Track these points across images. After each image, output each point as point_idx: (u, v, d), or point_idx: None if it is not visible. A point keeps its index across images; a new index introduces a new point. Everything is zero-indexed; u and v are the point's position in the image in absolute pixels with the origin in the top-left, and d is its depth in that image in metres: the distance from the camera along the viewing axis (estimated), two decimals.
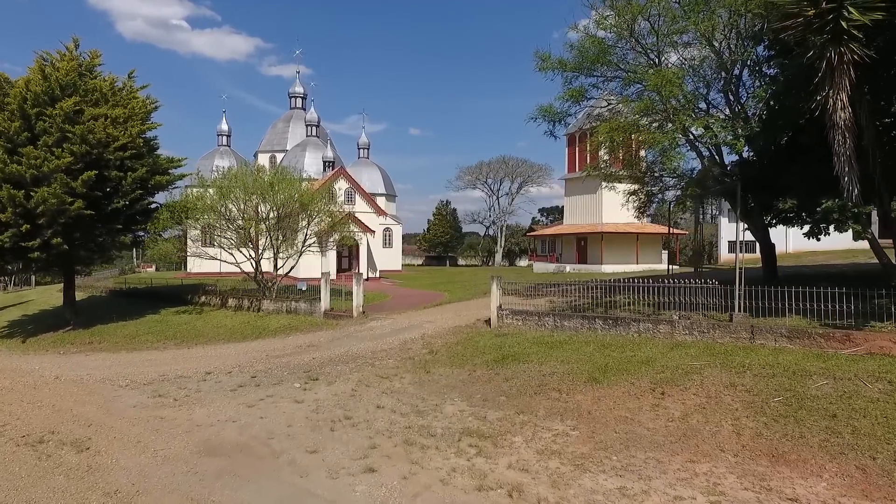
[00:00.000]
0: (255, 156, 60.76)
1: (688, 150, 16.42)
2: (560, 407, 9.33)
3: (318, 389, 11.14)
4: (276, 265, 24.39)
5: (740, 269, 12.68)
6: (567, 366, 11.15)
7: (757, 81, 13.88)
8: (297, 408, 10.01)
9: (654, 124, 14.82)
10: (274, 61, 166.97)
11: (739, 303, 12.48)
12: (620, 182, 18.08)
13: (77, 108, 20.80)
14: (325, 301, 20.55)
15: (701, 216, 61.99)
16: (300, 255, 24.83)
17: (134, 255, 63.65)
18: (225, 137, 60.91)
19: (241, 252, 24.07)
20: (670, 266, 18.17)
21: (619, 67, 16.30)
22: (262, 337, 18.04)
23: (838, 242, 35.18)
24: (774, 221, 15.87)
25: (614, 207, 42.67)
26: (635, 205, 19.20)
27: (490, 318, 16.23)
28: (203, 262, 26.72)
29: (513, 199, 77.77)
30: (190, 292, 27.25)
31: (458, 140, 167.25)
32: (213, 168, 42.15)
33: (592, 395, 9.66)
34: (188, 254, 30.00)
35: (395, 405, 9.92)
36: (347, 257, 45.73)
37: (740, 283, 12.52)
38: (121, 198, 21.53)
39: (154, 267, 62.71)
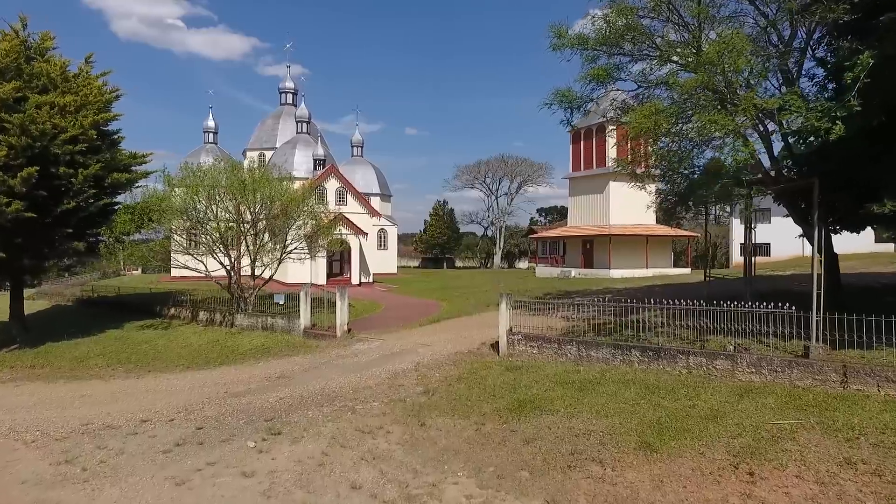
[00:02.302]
0: (244, 154, 58.06)
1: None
2: (608, 493, 6.65)
3: (278, 451, 8.44)
4: (253, 273, 21.67)
5: (818, 291, 10.03)
6: (606, 421, 8.47)
7: (829, 54, 11.25)
8: (242, 486, 7.31)
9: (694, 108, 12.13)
10: (270, 61, 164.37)
11: (818, 332, 9.84)
12: (654, 181, 15.39)
13: (19, 94, 18.03)
14: (304, 317, 17.82)
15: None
16: (279, 262, 22.11)
17: (120, 258, 60.91)
18: (212, 135, 58.11)
19: (215, 258, 21.36)
20: (708, 273, 15.54)
21: (653, 43, 13.66)
22: (227, 363, 15.32)
23: (859, 245, 32.68)
24: (839, 227, 13.27)
25: (622, 208, 40.12)
26: (664, 206, 16.60)
27: (498, 342, 13.54)
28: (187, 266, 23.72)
29: (512, 199, 75.14)
30: (160, 303, 24.52)
31: (454, 139, 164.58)
32: (178, 167, 39.15)
33: (650, 471, 6.99)
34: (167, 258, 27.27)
35: (377, 483, 7.23)
36: (339, 261, 43.07)
37: (819, 306, 9.89)
38: (71, 198, 18.77)
39: (140, 269, 59.83)
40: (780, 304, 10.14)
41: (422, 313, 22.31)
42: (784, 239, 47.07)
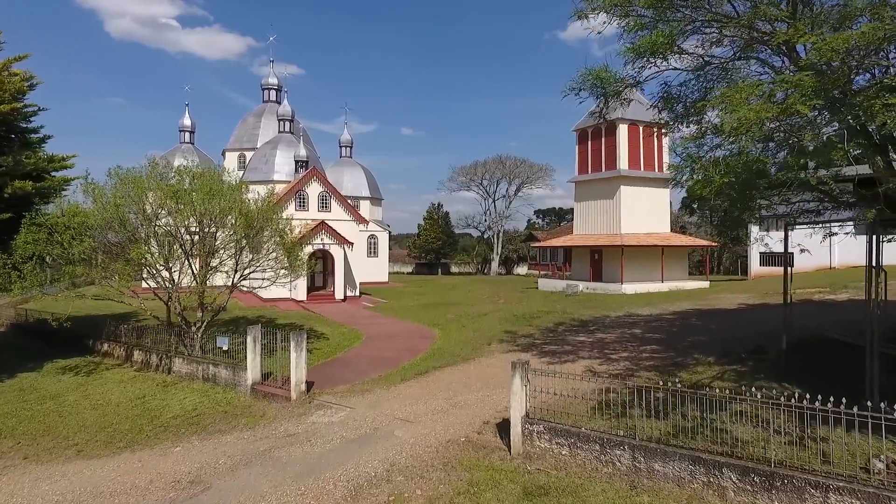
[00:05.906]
0: (223, 154, 54.10)
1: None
2: None
3: None
4: (202, 304, 17.56)
5: None
6: None
7: None
8: None
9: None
10: (265, 61, 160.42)
11: None
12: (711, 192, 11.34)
13: None
14: (252, 370, 13.74)
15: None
16: (231, 290, 18.01)
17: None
18: (188, 133, 54.09)
19: (147, 284, 17.31)
20: (788, 292, 11.68)
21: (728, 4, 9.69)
22: (136, 443, 11.18)
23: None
24: None
25: (634, 214, 36.16)
26: (721, 224, 12.71)
27: (507, 424, 9.50)
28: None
29: (510, 203, 71.16)
30: (95, 334, 20.37)
31: (450, 139, 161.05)
32: (107, 172, 34.71)
33: None
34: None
35: None
36: (322, 273, 38.94)
37: None
38: None
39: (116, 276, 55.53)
40: None
41: (409, 349, 18.34)
42: (809, 249, 42.80)
